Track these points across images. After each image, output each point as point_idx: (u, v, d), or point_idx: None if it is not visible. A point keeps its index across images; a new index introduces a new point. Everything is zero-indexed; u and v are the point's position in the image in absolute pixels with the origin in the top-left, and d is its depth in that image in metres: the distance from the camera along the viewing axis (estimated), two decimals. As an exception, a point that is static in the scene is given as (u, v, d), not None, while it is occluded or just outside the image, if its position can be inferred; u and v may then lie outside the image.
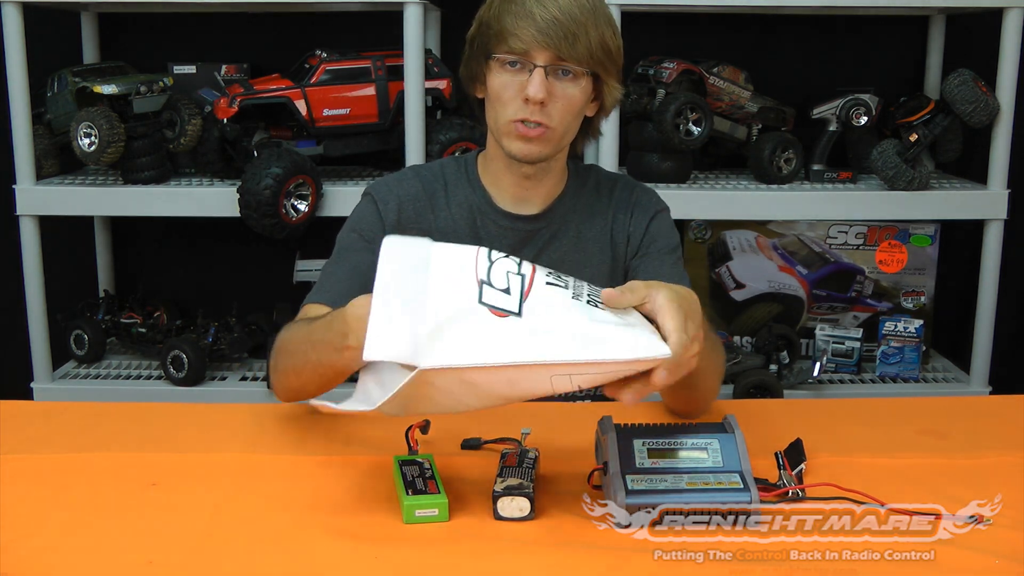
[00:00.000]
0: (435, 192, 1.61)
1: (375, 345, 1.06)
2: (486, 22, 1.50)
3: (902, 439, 1.39)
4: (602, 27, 1.47)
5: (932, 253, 2.69)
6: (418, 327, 1.06)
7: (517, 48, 1.45)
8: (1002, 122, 2.45)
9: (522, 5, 1.45)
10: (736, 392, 2.42)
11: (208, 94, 2.57)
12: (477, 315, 1.07)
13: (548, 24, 1.43)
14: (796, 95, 2.69)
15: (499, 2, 1.49)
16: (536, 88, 1.44)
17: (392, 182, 1.63)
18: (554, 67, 1.45)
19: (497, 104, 1.50)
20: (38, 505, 1.19)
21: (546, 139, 1.50)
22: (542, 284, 1.11)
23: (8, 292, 2.65)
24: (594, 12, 1.46)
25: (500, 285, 1.10)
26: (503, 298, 1.09)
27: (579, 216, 1.63)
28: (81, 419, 1.48)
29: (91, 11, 2.69)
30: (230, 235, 2.64)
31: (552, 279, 1.13)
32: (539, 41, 1.44)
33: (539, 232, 1.61)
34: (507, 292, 1.10)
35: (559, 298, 1.10)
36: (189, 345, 2.49)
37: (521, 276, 1.11)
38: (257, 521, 1.15)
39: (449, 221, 1.60)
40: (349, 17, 2.70)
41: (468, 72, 1.57)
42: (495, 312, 1.07)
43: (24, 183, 2.41)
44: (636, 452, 1.17)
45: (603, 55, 1.47)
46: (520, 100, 1.47)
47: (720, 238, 2.70)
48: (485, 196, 1.61)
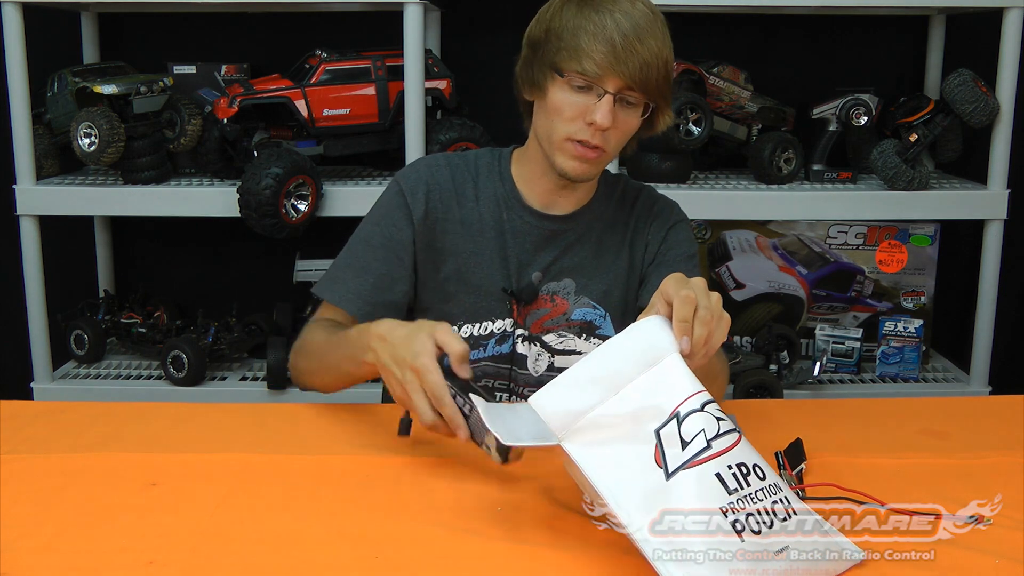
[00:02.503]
0: (464, 183, 1.61)
1: (546, 401, 1.07)
2: (556, 32, 1.46)
3: (902, 439, 1.40)
4: (667, 55, 1.45)
5: (932, 253, 2.69)
6: (590, 412, 1.06)
7: (590, 72, 1.42)
8: (1002, 122, 2.45)
9: (602, 27, 1.41)
10: (736, 392, 2.42)
11: (208, 94, 2.57)
12: (637, 441, 1.03)
13: (626, 51, 1.40)
14: (796, 95, 2.69)
15: (572, 13, 1.44)
16: (604, 116, 1.42)
17: (423, 169, 1.62)
18: (621, 96, 1.44)
19: (555, 117, 1.47)
20: (38, 505, 1.19)
21: (600, 161, 1.50)
22: (711, 473, 1.01)
23: (8, 292, 2.65)
24: (663, 35, 1.45)
25: (685, 433, 1.04)
26: (674, 448, 1.03)
27: (602, 224, 1.63)
28: (81, 419, 1.48)
29: (91, 11, 2.69)
30: (230, 235, 2.64)
31: (730, 474, 1.02)
32: (614, 69, 1.41)
33: (563, 234, 1.61)
34: (682, 446, 1.03)
35: (714, 499, 1.00)
36: (189, 345, 2.49)
37: (707, 445, 1.03)
38: (257, 521, 1.15)
39: (475, 213, 1.60)
40: (349, 17, 2.70)
41: (527, 76, 1.53)
42: (656, 451, 1.03)
43: (24, 183, 2.41)
44: (637, 452, 1.16)
45: (665, 84, 1.46)
46: (582, 121, 1.45)
47: (720, 238, 2.70)
48: (515, 192, 1.60)
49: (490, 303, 1.58)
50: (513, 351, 1.59)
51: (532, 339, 1.60)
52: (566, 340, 1.60)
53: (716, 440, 1.04)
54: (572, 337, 1.60)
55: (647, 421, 1.05)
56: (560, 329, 1.60)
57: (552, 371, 1.60)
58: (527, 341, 1.60)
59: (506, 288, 1.58)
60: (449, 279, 1.59)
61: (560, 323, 1.60)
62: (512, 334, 1.59)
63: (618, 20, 1.41)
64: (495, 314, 1.59)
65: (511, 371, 1.60)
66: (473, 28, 2.73)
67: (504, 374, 1.60)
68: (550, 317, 1.60)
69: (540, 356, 1.60)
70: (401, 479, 1.24)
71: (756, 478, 1.03)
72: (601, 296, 1.61)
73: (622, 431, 1.05)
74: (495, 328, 1.59)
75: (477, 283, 1.58)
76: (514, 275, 1.59)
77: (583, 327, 1.61)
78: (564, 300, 1.60)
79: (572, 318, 1.61)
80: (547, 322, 1.60)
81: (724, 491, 1.01)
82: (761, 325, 2.68)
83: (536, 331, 1.60)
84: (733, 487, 1.02)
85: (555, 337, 1.60)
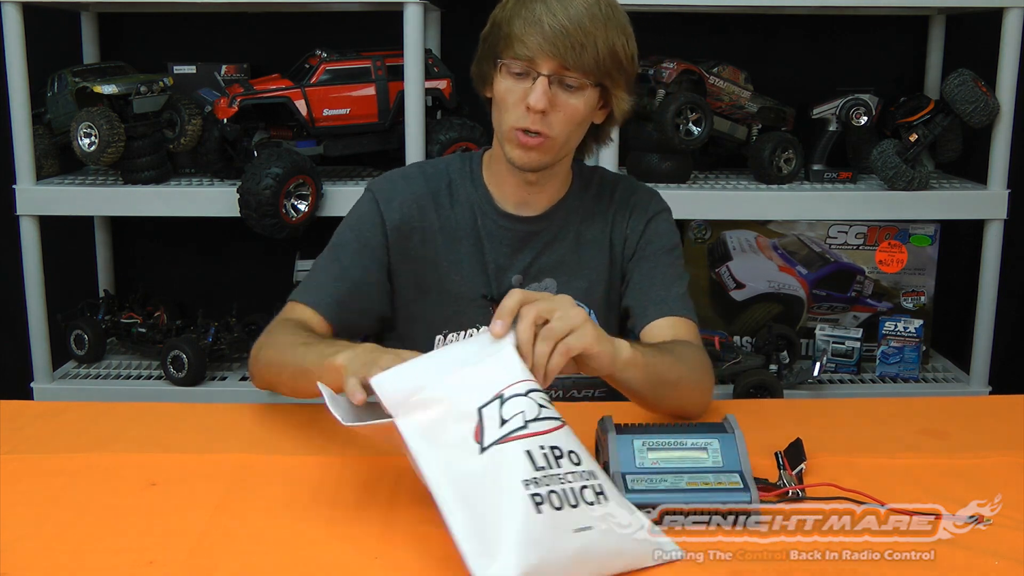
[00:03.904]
0: (439, 191, 1.61)
1: (384, 380, 1.10)
2: (498, 24, 1.49)
3: (902, 439, 1.40)
4: (613, 37, 1.44)
5: (932, 253, 2.69)
6: (423, 390, 1.09)
7: (523, 55, 1.43)
8: (1002, 122, 2.45)
9: (532, 11, 1.43)
10: (736, 392, 2.42)
11: (208, 94, 2.57)
12: (461, 419, 1.07)
13: (555, 33, 1.41)
14: (796, 95, 2.69)
15: (512, 4, 1.47)
16: (537, 98, 1.43)
17: (397, 179, 1.62)
18: (558, 77, 1.44)
19: (501, 108, 1.49)
20: (38, 505, 1.19)
21: (545, 148, 1.49)
22: (521, 449, 1.05)
23: (8, 292, 2.65)
24: (606, 21, 1.43)
25: (506, 413, 1.08)
26: (492, 426, 1.07)
27: (579, 218, 1.62)
28: (81, 419, 1.48)
29: (91, 11, 2.69)
30: (230, 235, 2.64)
31: (540, 453, 1.05)
32: (545, 50, 1.42)
33: (539, 234, 1.60)
34: (500, 423, 1.07)
35: (517, 471, 1.03)
36: (189, 345, 2.49)
37: (524, 425, 1.07)
38: (257, 521, 1.15)
39: (452, 220, 1.60)
40: (349, 17, 2.70)
41: (479, 71, 1.56)
42: (476, 428, 1.07)
43: (24, 183, 2.41)
44: (636, 452, 1.17)
45: (612, 65, 1.45)
46: (522, 107, 1.45)
47: (720, 238, 2.70)
48: (487, 196, 1.60)
49: (473, 310, 1.58)
50: None
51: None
52: None
53: (534, 423, 1.07)
54: None
55: (473, 401, 1.09)
56: None
57: None
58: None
59: (486, 294, 1.57)
60: (430, 289, 1.59)
61: None
62: None
63: (551, 5, 1.42)
64: (479, 321, 1.58)
65: None
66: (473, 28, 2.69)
67: None
68: None
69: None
70: (401, 479, 1.24)
71: (569, 462, 1.06)
72: (584, 293, 1.59)
73: (448, 409, 1.08)
74: None
75: (458, 291, 1.58)
76: (494, 280, 1.58)
77: None
78: None
79: None
80: None
81: (531, 466, 1.04)
82: (761, 325, 2.68)
83: None
84: (541, 464, 1.04)
85: None
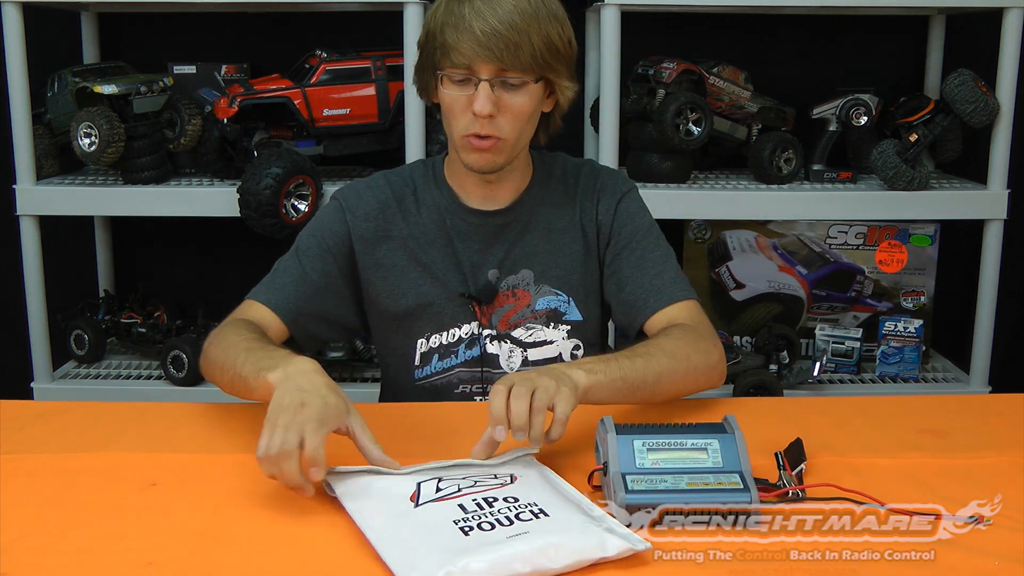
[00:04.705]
0: (404, 197, 1.62)
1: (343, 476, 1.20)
2: (431, 32, 1.49)
3: (902, 439, 1.39)
4: (546, 28, 1.45)
5: (932, 253, 2.69)
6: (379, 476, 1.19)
7: (460, 63, 1.44)
8: (1002, 122, 2.45)
9: (461, 18, 1.43)
10: (736, 392, 2.42)
11: (208, 94, 2.57)
12: (402, 485, 1.16)
13: (488, 37, 1.41)
14: (796, 95, 2.69)
15: (441, 12, 1.47)
16: (482, 104, 1.44)
17: (363, 189, 1.63)
18: (499, 79, 1.44)
19: (449, 117, 1.50)
20: (38, 505, 1.19)
21: (498, 149, 1.50)
22: (454, 503, 1.11)
23: (8, 292, 2.65)
24: (536, 15, 1.44)
25: (443, 485, 1.16)
26: (429, 491, 1.15)
27: (547, 207, 1.62)
28: (81, 419, 1.48)
29: (91, 11, 2.69)
30: (230, 235, 2.64)
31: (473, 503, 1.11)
32: (481, 55, 1.42)
33: (509, 226, 1.61)
34: (436, 491, 1.15)
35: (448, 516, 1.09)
36: (189, 345, 2.49)
37: (459, 490, 1.15)
38: (257, 521, 1.15)
39: (419, 225, 1.61)
40: (349, 17, 2.70)
41: (420, 80, 1.56)
42: (413, 494, 1.14)
43: (24, 183, 2.41)
44: (636, 452, 1.17)
45: (550, 57, 1.46)
46: (470, 114, 1.46)
47: (720, 238, 2.70)
48: (452, 196, 1.61)
49: (452, 310, 1.59)
50: (484, 353, 1.59)
51: (501, 337, 1.60)
52: (535, 331, 1.60)
53: (471, 488, 1.15)
54: (540, 328, 1.60)
55: (414, 478, 1.18)
56: (527, 322, 1.60)
57: (527, 365, 1.60)
58: (496, 340, 1.60)
59: (463, 292, 1.58)
60: (407, 294, 1.59)
61: (526, 315, 1.60)
62: (480, 336, 1.59)
63: (477, 7, 1.42)
64: (460, 319, 1.59)
65: (482, 373, 1.60)
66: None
67: (478, 378, 1.60)
68: (515, 311, 1.60)
69: (512, 352, 1.60)
70: (401, 479, 1.24)
71: (503, 503, 1.11)
72: (561, 281, 1.60)
73: (389, 480, 1.18)
74: (462, 333, 1.59)
75: (436, 293, 1.59)
76: (470, 277, 1.59)
77: (549, 315, 1.60)
78: (525, 292, 1.60)
79: (536, 308, 1.60)
80: (512, 317, 1.60)
81: (462, 511, 1.10)
82: (761, 325, 2.68)
83: (504, 328, 1.60)
84: (472, 509, 1.10)
85: (524, 331, 1.60)
